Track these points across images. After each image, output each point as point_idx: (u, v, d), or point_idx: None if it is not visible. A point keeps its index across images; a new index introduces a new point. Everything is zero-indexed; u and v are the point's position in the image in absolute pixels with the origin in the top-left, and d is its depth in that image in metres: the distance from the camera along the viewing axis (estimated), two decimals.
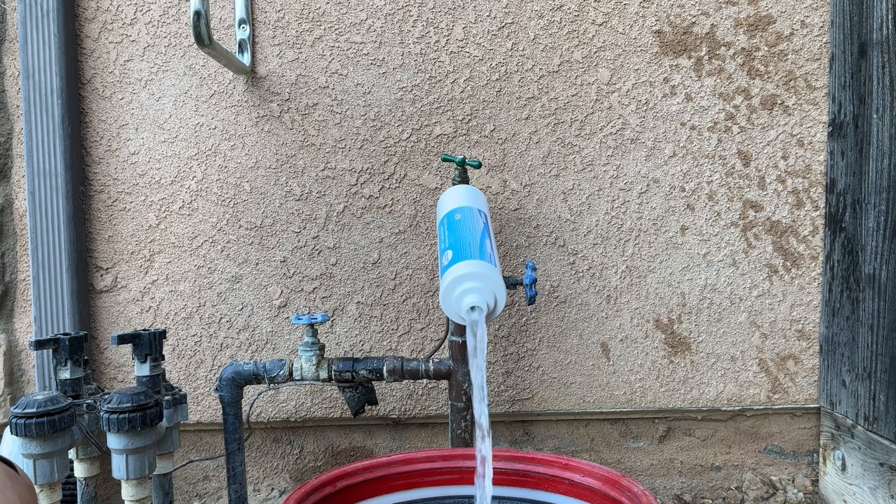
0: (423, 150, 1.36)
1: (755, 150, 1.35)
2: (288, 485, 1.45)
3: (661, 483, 1.45)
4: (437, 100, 1.35)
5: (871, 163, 1.20)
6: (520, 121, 1.35)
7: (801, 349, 1.38)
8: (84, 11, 1.35)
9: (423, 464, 0.94)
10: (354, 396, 1.21)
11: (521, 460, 0.93)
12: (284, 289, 1.38)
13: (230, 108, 1.36)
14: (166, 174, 1.37)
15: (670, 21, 1.34)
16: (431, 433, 1.45)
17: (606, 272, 1.37)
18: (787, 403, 1.39)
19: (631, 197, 1.36)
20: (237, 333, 1.39)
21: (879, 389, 1.19)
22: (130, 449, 1.00)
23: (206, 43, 1.08)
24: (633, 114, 1.35)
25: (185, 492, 1.47)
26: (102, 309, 1.39)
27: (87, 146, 1.37)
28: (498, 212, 1.37)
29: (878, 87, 1.18)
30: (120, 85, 1.36)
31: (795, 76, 1.34)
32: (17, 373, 1.41)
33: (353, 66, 1.35)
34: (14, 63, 1.37)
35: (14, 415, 0.95)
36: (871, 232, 1.20)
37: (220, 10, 1.34)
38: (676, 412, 1.42)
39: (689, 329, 1.38)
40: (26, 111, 1.33)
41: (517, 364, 1.40)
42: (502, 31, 1.34)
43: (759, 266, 1.37)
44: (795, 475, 1.43)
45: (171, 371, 1.40)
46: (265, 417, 1.41)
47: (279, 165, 1.37)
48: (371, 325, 1.39)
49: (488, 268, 0.88)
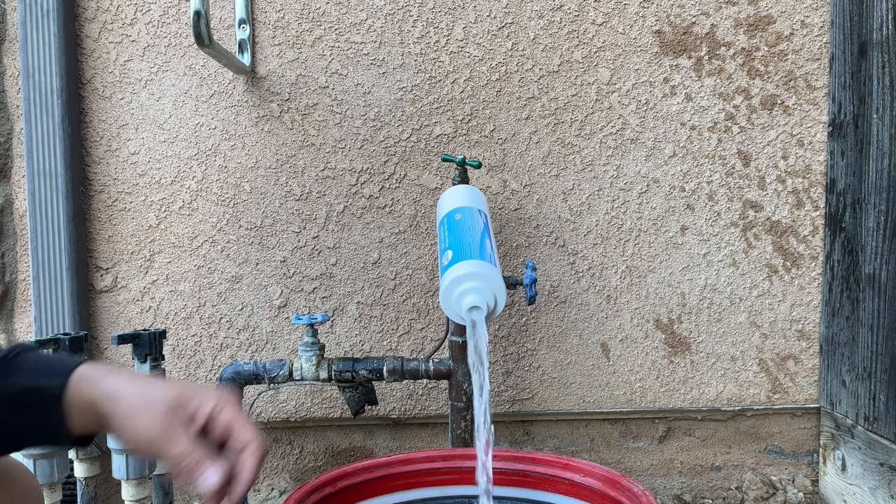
0: (423, 150, 1.36)
1: (755, 150, 1.35)
2: (288, 485, 1.45)
3: (661, 483, 1.45)
4: (437, 100, 1.35)
5: (871, 163, 1.20)
6: (520, 121, 1.35)
7: (801, 349, 1.38)
8: (84, 11, 1.35)
9: (423, 464, 0.94)
10: (354, 396, 1.21)
11: (521, 460, 0.93)
12: (284, 289, 1.38)
13: (230, 108, 1.36)
14: (166, 174, 1.37)
15: (670, 21, 1.34)
16: (431, 433, 1.45)
17: (606, 272, 1.37)
18: (787, 403, 1.39)
19: (631, 197, 1.36)
20: (237, 333, 1.39)
21: (879, 389, 1.19)
22: (130, 449, 1.00)
23: (206, 43, 1.08)
24: (633, 114, 1.35)
25: (185, 492, 1.47)
26: (102, 309, 1.39)
27: (87, 146, 1.37)
28: (498, 212, 1.37)
29: (878, 87, 1.18)
30: (120, 85, 1.36)
31: (795, 76, 1.34)
32: None
33: (353, 66, 1.35)
34: (14, 63, 1.37)
35: None
36: (871, 232, 1.20)
37: (220, 10, 1.34)
38: (676, 412, 1.42)
39: (689, 329, 1.38)
40: (26, 111, 1.33)
41: (517, 364, 1.40)
42: (502, 31, 1.34)
43: (759, 266, 1.37)
44: (795, 475, 1.43)
45: (171, 371, 1.40)
46: (265, 417, 1.41)
47: (279, 165, 1.37)
48: (371, 325, 1.39)
49: (488, 268, 0.88)
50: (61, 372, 0.62)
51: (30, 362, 0.63)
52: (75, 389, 0.62)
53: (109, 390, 0.62)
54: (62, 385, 0.61)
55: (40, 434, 0.65)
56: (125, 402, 0.61)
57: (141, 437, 0.61)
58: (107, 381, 0.62)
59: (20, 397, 0.62)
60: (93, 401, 0.62)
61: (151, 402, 0.61)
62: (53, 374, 0.62)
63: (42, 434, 0.64)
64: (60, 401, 0.61)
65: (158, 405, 0.61)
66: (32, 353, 0.65)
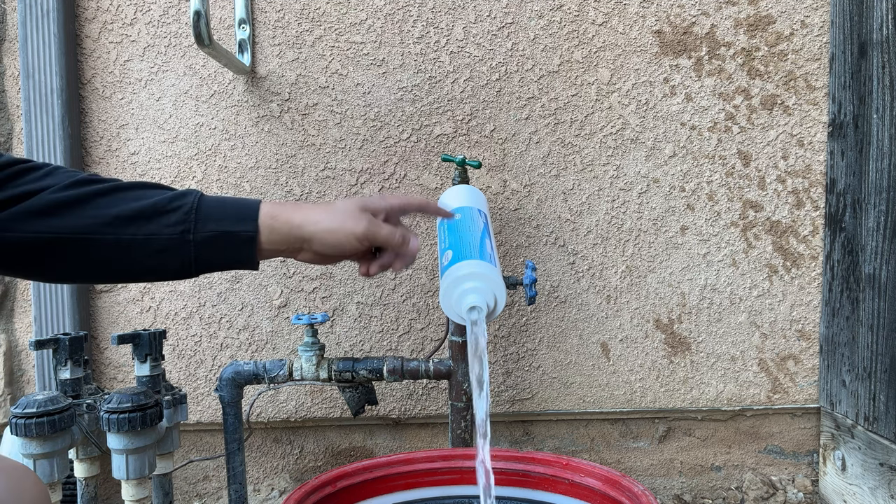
0: (423, 150, 1.36)
1: (755, 150, 1.35)
2: (288, 485, 1.45)
3: (661, 483, 1.45)
4: (437, 100, 1.35)
5: (871, 163, 1.20)
6: (520, 121, 1.35)
7: (801, 349, 1.38)
8: (84, 11, 1.35)
9: (423, 464, 0.94)
10: (354, 396, 1.21)
11: (521, 460, 0.93)
12: (284, 289, 1.38)
13: (230, 108, 1.36)
14: (166, 174, 1.37)
15: (670, 21, 1.34)
16: (431, 433, 1.45)
17: (606, 272, 1.37)
18: (787, 403, 1.39)
19: (631, 197, 1.36)
20: (237, 333, 1.39)
21: (879, 389, 1.19)
22: (130, 449, 1.00)
23: (206, 43, 1.08)
24: (633, 114, 1.35)
25: (185, 492, 1.47)
26: (102, 309, 1.39)
27: (87, 146, 1.37)
28: (498, 212, 1.37)
29: (878, 87, 1.18)
30: (120, 85, 1.36)
31: (795, 76, 1.34)
32: (17, 373, 1.41)
33: (353, 66, 1.35)
34: (14, 63, 1.37)
35: (14, 415, 0.95)
36: (871, 232, 1.20)
37: (220, 10, 1.34)
38: (676, 412, 1.42)
39: (689, 329, 1.38)
40: (26, 111, 1.33)
41: (517, 364, 1.40)
42: (502, 31, 1.34)
43: (759, 266, 1.37)
44: (795, 475, 1.43)
45: (171, 371, 1.40)
46: (265, 417, 1.41)
47: (279, 165, 1.37)
48: (371, 325, 1.39)
49: (488, 268, 0.88)
50: (249, 218, 0.77)
51: (216, 208, 0.76)
52: (269, 224, 0.77)
53: (306, 216, 0.79)
54: (254, 229, 0.76)
55: (231, 265, 0.79)
56: (325, 221, 0.79)
57: (355, 234, 0.79)
58: (299, 211, 0.79)
59: (215, 240, 0.75)
60: (290, 230, 0.78)
61: (347, 210, 0.80)
62: (243, 220, 0.77)
63: (233, 265, 0.79)
64: (255, 241, 0.77)
65: (353, 210, 0.80)
66: (209, 198, 0.77)
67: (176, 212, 0.74)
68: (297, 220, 0.78)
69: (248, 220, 0.76)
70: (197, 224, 0.74)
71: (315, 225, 0.78)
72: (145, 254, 0.74)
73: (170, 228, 0.74)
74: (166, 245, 0.74)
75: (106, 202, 0.73)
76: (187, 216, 0.74)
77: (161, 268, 0.76)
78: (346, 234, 0.79)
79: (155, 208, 0.74)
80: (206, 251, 0.75)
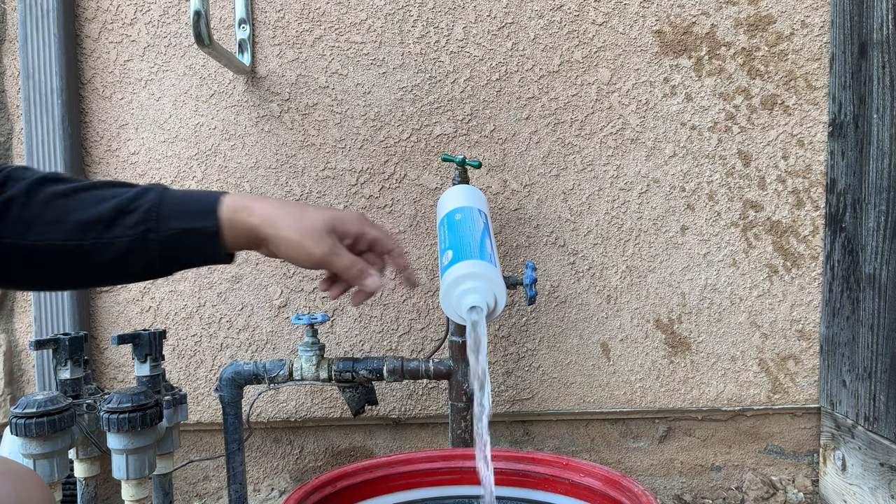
0: (423, 150, 1.36)
1: (755, 150, 1.35)
2: (288, 485, 1.45)
3: (661, 483, 1.45)
4: (438, 100, 1.35)
5: (872, 163, 1.20)
6: (520, 121, 1.35)
7: (801, 349, 1.38)
8: (84, 11, 1.35)
9: (423, 464, 0.94)
10: (354, 396, 1.21)
11: (521, 460, 0.93)
12: (284, 289, 1.38)
13: (230, 108, 1.36)
14: (166, 174, 1.37)
15: (670, 21, 1.34)
16: (431, 433, 1.45)
17: (606, 272, 1.37)
18: (787, 403, 1.39)
19: (631, 197, 1.36)
20: (237, 333, 1.39)
21: (880, 389, 1.19)
22: (130, 449, 1.00)
23: (206, 43, 1.08)
24: (633, 114, 1.35)
25: (185, 492, 1.47)
26: (102, 309, 1.39)
27: (87, 146, 1.37)
28: (498, 212, 1.37)
29: (879, 87, 1.18)
30: (120, 85, 1.36)
31: (795, 76, 1.34)
32: (17, 373, 1.41)
33: (353, 66, 1.35)
34: (14, 63, 1.37)
35: (14, 415, 0.95)
36: (871, 232, 1.20)
37: (220, 10, 1.34)
38: (676, 412, 1.42)
39: (689, 329, 1.38)
40: (26, 111, 1.33)
41: (517, 364, 1.39)
42: (502, 31, 1.34)
43: (759, 266, 1.37)
44: (796, 475, 1.43)
45: (171, 371, 1.40)
46: (265, 417, 1.41)
47: (279, 165, 1.37)
48: (371, 325, 1.39)
49: (488, 268, 0.88)
50: (210, 212, 0.72)
51: (176, 204, 0.72)
52: (230, 219, 0.73)
53: (266, 217, 0.73)
54: (215, 225, 0.72)
55: (198, 262, 0.76)
56: (286, 228, 0.73)
57: (311, 256, 0.74)
58: (262, 209, 0.74)
59: (178, 238, 0.71)
60: (251, 227, 0.73)
61: (312, 226, 0.74)
62: (204, 214, 0.72)
63: (200, 262, 0.76)
64: (218, 235, 0.72)
65: (320, 228, 0.74)
66: (173, 193, 0.73)
67: (136, 212, 0.71)
68: (256, 220, 0.73)
69: (209, 214, 0.73)
70: (159, 222, 0.71)
71: (273, 228, 0.73)
72: (109, 257, 0.71)
73: (132, 230, 0.70)
74: (129, 246, 0.70)
75: (67, 205, 0.70)
76: (147, 215, 0.71)
77: (126, 270, 0.73)
78: (303, 252, 0.74)
79: (117, 208, 0.71)
80: (171, 250, 0.72)
